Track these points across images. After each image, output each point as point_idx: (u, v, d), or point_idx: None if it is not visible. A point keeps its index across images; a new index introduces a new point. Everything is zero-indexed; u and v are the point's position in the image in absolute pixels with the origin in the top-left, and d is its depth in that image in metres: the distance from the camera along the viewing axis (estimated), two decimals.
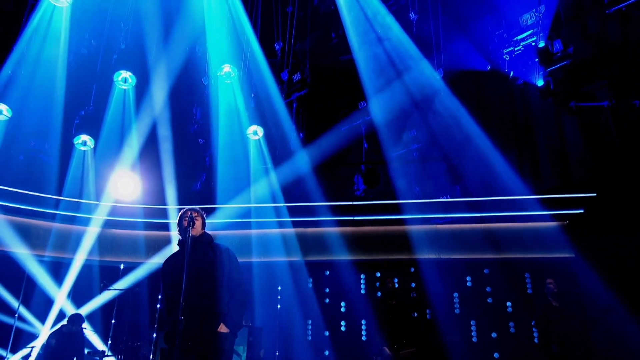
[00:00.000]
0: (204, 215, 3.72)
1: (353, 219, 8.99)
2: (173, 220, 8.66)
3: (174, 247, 3.68)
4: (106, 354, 6.92)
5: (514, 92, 9.15)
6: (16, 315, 8.18)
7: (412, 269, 8.71)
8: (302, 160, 9.88)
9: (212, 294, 3.40)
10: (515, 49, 8.86)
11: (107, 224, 8.70)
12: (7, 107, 7.62)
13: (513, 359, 7.79)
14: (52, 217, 8.50)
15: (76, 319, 6.90)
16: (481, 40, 9.41)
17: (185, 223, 3.46)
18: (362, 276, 8.87)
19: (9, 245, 8.11)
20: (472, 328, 8.21)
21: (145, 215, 8.65)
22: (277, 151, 9.40)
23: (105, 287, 6.94)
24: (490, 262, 8.38)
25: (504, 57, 9.04)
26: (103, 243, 8.61)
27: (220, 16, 8.64)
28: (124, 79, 7.85)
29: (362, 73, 9.63)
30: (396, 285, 8.56)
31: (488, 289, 8.34)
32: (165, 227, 8.60)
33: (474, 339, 8.11)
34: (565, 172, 8.32)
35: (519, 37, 8.74)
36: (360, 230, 9.08)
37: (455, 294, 8.44)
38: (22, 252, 8.28)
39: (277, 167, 9.54)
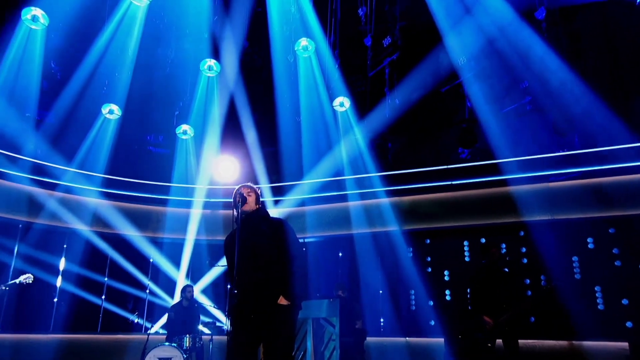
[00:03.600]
0: (258, 191, 3.73)
1: (452, 184, 8.48)
2: (268, 199, 9.01)
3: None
4: (217, 324, 7.49)
5: None
6: (147, 290, 9.26)
7: (522, 233, 7.99)
8: (397, 127, 9.53)
9: (267, 268, 3.42)
10: None
11: (212, 206, 9.34)
12: (118, 107, 8.47)
13: None
14: (166, 203, 9.37)
15: (187, 289, 7.59)
16: None
17: (238, 199, 3.51)
18: (465, 243, 8.38)
19: (133, 230, 9.13)
20: (597, 295, 7.32)
21: None
22: (366, 120, 9.16)
23: (211, 264, 7.47)
24: (616, 220, 7.34)
25: None
26: (209, 223, 9.28)
27: None
28: (210, 66, 8.25)
29: None
30: (503, 251, 7.96)
31: (615, 250, 7.33)
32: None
33: (600, 307, 7.23)
34: None
35: None
36: (461, 194, 8.53)
37: (575, 258, 7.57)
38: (145, 235, 9.28)
39: (369, 137, 9.33)
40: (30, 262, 8.11)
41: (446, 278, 8.37)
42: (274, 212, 9.02)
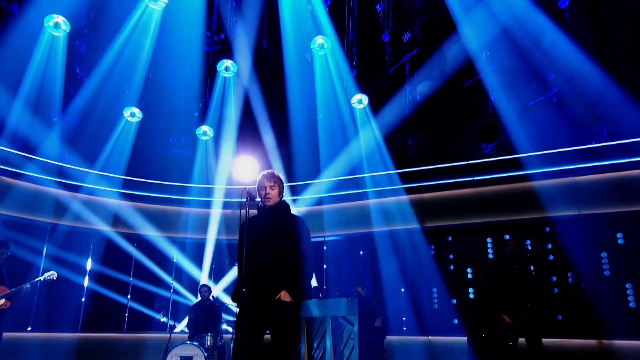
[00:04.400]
0: (282, 182, 3.68)
1: (473, 180, 8.31)
2: (287, 198, 9.00)
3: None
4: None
5: None
6: (171, 290, 9.41)
7: (547, 229, 7.76)
8: (418, 123, 9.41)
9: (278, 262, 3.41)
10: None
11: (232, 205, 9.41)
12: (139, 110, 8.63)
13: None
14: (187, 203, 9.50)
15: (202, 289, 7.67)
16: None
17: (263, 192, 3.50)
18: (489, 240, 8.19)
19: (156, 230, 9.28)
20: (628, 292, 7.05)
21: None
22: (385, 117, 9.07)
23: (232, 263, 7.53)
24: None
25: None
26: (229, 223, 9.35)
27: None
28: (227, 67, 8.30)
29: None
30: (528, 247, 7.75)
31: None
32: None
33: (632, 304, 6.96)
34: None
35: None
36: (484, 190, 8.35)
37: (604, 254, 7.31)
38: (168, 236, 9.43)
39: (388, 133, 9.24)
40: (58, 263, 8.33)
41: (469, 276, 8.21)
42: (293, 211, 9.02)
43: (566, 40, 7.97)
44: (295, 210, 9.00)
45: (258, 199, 3.57)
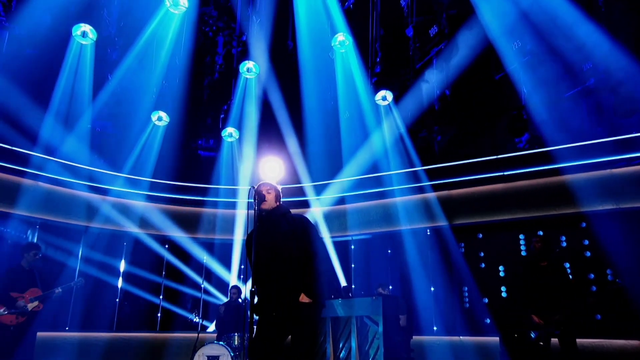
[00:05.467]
0: (278, 189, 3.72)
1: (503, 174, 8.05)
2: (311, 197, 8.99)
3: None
4: None
5: None
6: (202, 290, 9.53)
7: (584, 224, 7.42)
8: (447, 118, 9.20)
9: (288, 265, 3.38)
10: None
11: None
12: (166, 114, 8.80)
13: None
14: (215, 205, 9.63)
15: (232, 290, 7.72)
16: None
17: (256, 198, 3.49)
18: (521, 236, 7.91)
19: (186, 232, 9.44)
20: None
21: (288, 194, 9.18)
22: (410, 113, 8.91)
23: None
24: None
25: None
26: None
27: None
28: (249, 68, 8.36)
29: None
30: (564, 244, 7.44)
31: None
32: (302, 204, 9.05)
33: None
34: None
35: None
36: (515, 185, 8.06)
37: None
38: (197, 237, 9.58)
39: (414, 129, 9.08)
40: (93, 265, 8.60)
41: (501, 274, 7.95)
42: (317, 210, 9.00)
43: (600, 28, 7.62)
44: (318, 210, 9.03)
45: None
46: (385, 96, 8.69)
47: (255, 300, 3.44)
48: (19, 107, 7.60)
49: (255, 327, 3.39)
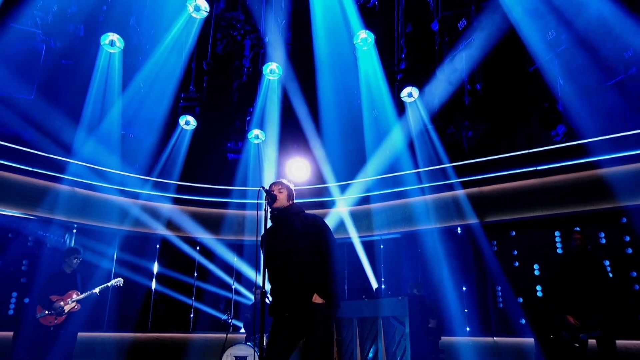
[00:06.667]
0: (290, 187, 3.67)
1: (536, 169, 7.75)
2: (337, 197, 8.91)
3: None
4: None
5: None
6: (232, 291, 9.66)
7: (624, 220, 7.04)
8: (478, 113, 8.94)
9: (301, 265, 3.33)
10: None
11: None
12: (193, 118, 8.95)
13: None
14: (244, 206, 9.71)
15: (256, 291, 7.74)
16: None
17: (268, 198, 3.47)
18: (557, 233, 7.58)
19: (216, 234, 9.57)
20: None
21: (314, 195, 9.15)
22: (438, 109, 8.71)
23: None
24: None
25: None
26: None
27: None
28: (271, 70, 8.38)
29: None
30: (603, 241, 7.08)
31: None
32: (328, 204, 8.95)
33: None
34: None
35: None
36: (549, 180, 7.75)
37: None
38: (227, 239, 9.70)
39: (443, 125, 8.86)
40: (127, 267, 8.83)
41: (536, 272, 7.65)
42: (344, 210, 8.92)
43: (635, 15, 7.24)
44: (345, 209, 8.94)
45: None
46: (411, 92, 8.53)
47: (269, 300, 3.42)
48: (56, 117, 7.90)
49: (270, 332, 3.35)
